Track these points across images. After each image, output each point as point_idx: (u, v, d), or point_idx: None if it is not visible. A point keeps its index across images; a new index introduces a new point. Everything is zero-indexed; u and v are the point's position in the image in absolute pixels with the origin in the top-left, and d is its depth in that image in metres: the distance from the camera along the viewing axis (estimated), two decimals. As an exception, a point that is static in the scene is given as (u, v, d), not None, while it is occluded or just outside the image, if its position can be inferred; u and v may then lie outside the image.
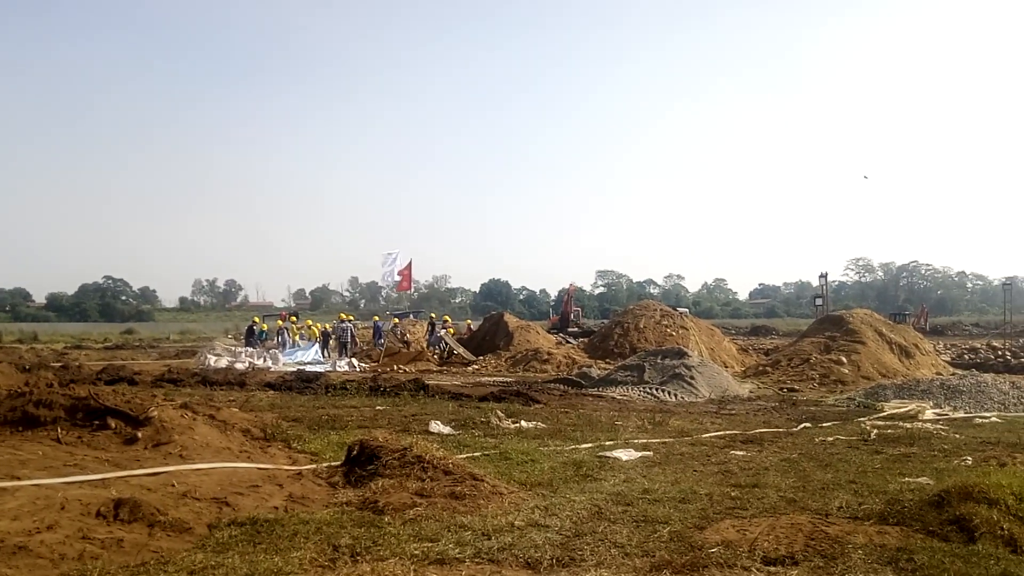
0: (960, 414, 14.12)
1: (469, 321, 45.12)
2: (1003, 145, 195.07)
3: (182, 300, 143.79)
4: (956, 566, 4.81)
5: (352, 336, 32.16)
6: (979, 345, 36.81)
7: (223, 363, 26.11)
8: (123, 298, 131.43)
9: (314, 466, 7.97)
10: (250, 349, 30.14)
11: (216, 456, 7.64)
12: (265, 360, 27.56)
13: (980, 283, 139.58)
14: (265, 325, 35.07)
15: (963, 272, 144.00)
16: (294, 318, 37.62)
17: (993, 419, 13.40)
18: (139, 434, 7.46)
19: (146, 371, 21.96)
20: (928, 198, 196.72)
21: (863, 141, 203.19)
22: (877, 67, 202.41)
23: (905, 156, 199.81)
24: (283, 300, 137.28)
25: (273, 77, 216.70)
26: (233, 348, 30.83)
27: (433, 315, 36.22)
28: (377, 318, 36.71)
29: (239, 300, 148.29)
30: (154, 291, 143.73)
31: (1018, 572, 4.69)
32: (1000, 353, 31.17)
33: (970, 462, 8.84)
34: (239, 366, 25.24)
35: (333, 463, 8.01)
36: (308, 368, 24.93)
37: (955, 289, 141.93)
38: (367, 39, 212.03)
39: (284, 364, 27.05)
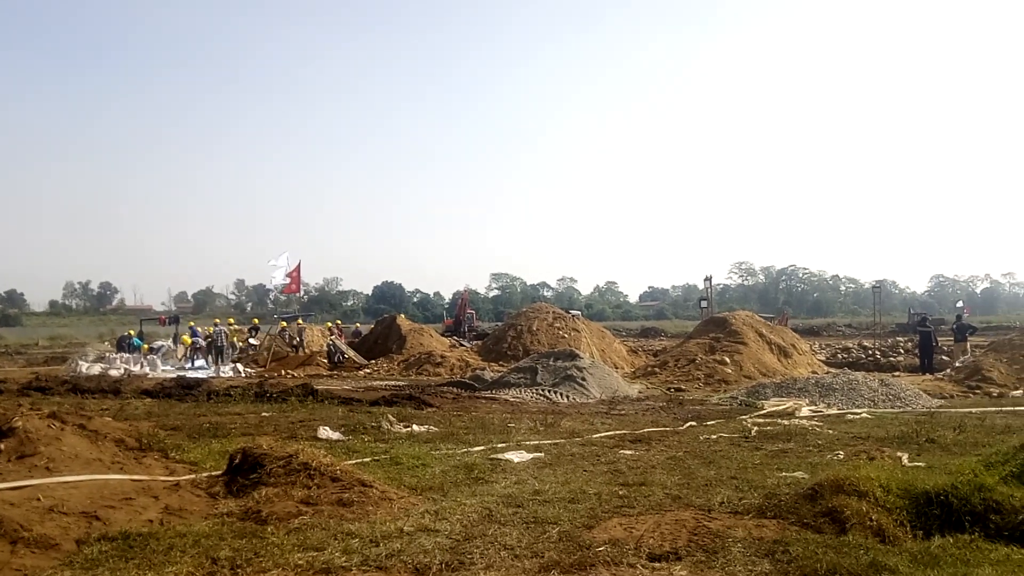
0: (833, 411, 14.80)
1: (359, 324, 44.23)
2: (873, 156, 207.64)
3: (52, 304, 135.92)
4: (828, 556, 5.02)
5: (225, 340, 30.94)
6: (851, 345, 38.65)
7: (96, 370, 24.80)
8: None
9: (193, 476, 7.64)
10: (125, 355, 28.62)
11: (86, 468, 7.20)
12: (142, 366, 26.31)
13: (853, 286, 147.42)
14: (133, 332, 33.09)
15: (837, 276, 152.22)
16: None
17: (864, 415, 14.12)
18: (1, 446, 6.97)
19: (12, 379, 20.67)
20: (805, 205, 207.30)
21: (745, 149, 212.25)
22: (754, 77, 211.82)
23: (784, 164, 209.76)
24: (163, 303, 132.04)
25: (153, 72, 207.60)
26: (107, 354, 29.27)
27: (284, 323, 35.15)
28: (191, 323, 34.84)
29: (115, 303, 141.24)
30: (21, 294, 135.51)
31: (885, 561, 4.92)
32: (870, 352, 32.87)
33: (842, 456, 9.26)
34: (114, 373, 24.03)
35: (214, 473, 7.70)
36: (189, 374, 23.95)
37: (830, 291, 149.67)
38: (258, 35, 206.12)
39: (163, 370, 25.91)
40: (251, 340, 32.77)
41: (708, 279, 47.27)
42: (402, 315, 39.46)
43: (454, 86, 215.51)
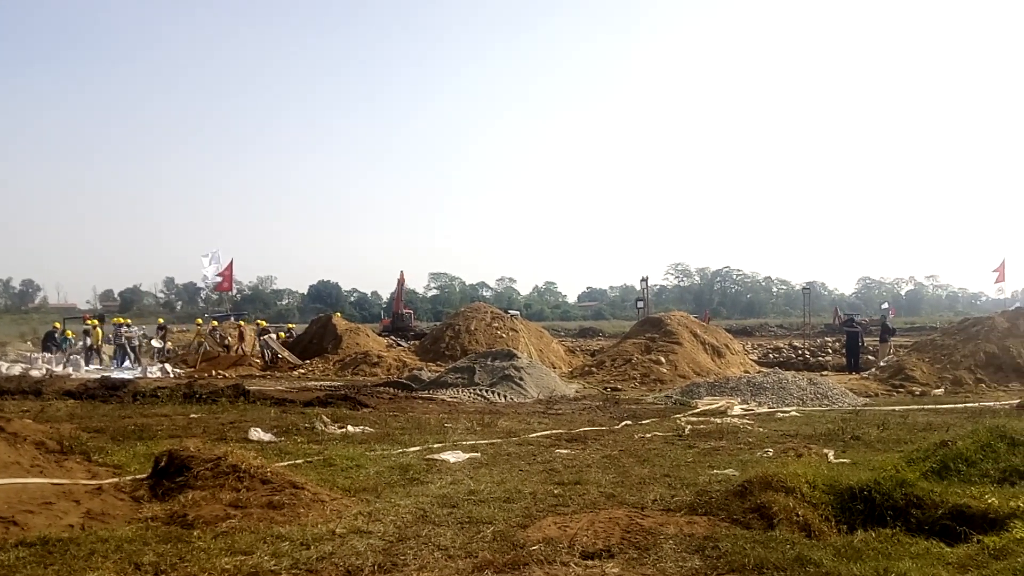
0: (764, 409, 15.14)
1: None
2: (803, 161, 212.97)
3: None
4: (756, 551, 5.11)
5: (140, 341, 30.15)
6: (782, 345, 39.57)
7: (16, 370, 23.84)
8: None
9: (117, 480, 7.37)
10: (48, 355, 27.57)
11: (3, 471, 6.92)
12: (65, 367, 25.41)
13: (784, 287, 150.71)
14: (70, 332, 31.85)
15: (769, 277, 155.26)
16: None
17: (793, 413, 14.49)
18: (-91, 450, 6.64)
19: (-76, 380, 19.65)
20: (739, 208, 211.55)
21: (681, 153, 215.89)
22: (687, 82, 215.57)
23: (719, 168, 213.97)
24: (88, 302, 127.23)
25: (85, 70, 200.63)
26: (28, 354, 28.18)
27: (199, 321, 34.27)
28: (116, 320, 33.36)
29: (37, 301, 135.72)
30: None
31: (810, 555, 5.03)
32: (800, 352, 33.74)
33: (771, 453, 9.49)
34: (35, 373, 23.09)
35: (139, 476, 7.45)
36: (115, 375, 23.23)
37: (762, 293, 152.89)
38: (198, 35, 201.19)
39: (86, 371, 25.06)
40: (154, 343, 31.89)
41: (645, 280, 47.88)
42: (338, 314, 38.90)
43: (395, 88, 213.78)
